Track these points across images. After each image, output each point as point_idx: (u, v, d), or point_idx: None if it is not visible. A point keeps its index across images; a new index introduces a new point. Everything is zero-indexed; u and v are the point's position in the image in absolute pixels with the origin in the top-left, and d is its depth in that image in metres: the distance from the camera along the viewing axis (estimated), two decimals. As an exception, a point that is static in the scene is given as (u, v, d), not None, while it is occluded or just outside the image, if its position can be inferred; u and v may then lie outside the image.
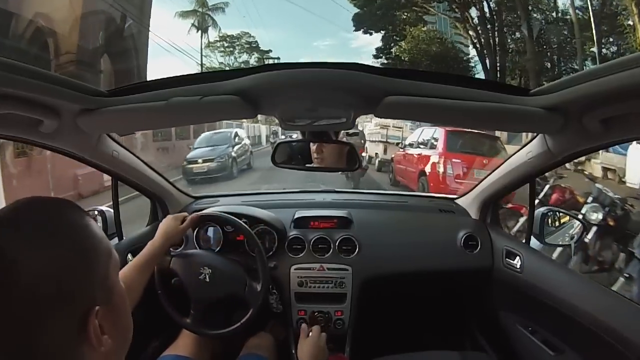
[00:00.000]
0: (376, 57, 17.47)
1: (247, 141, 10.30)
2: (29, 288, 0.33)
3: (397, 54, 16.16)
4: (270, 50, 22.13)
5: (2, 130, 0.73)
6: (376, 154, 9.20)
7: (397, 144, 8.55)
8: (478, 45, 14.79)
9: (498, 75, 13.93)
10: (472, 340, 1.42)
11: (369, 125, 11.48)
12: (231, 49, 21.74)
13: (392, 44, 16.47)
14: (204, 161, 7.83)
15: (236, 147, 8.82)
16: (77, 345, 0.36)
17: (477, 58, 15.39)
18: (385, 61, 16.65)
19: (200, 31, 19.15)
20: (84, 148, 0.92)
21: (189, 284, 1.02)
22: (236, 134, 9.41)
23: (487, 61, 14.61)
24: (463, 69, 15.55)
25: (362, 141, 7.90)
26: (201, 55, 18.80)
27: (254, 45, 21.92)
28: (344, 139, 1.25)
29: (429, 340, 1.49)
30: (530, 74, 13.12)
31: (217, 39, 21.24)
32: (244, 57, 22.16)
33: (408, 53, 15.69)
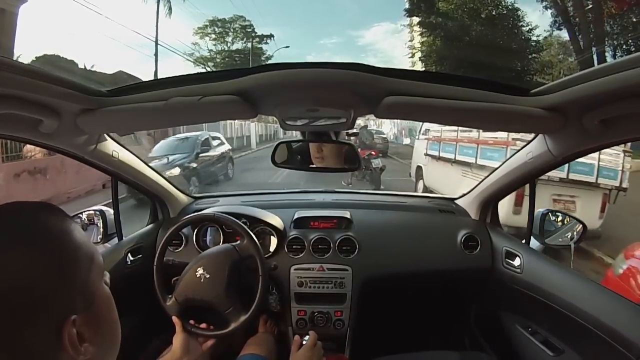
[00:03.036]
0: (410, 12, 13.79)
1: (224, 147, 8.38)
2: (2, 295, 0.33)
3: (443, 10, 12.79)
4: (271, 35, 19.44)
5: (2, 130, 0.73)
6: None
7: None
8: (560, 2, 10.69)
9: (594, 51, 9.79)
10: (472, 340, 1.42)
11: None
12: (223, 35, 19.22)
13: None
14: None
15: (203, 155, 7.20)
16: (56, 352, 0.35)
17: (543, 27, 12.10)
18: (425, 19, 13.30)
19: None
20: (84, 148, 0.92)
21: (201, 295, 0.99)
22: (207, 140, 7.65)
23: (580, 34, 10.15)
24: (522, 41, 12.13)
25: (380, 142, 6.27)
26: (157, 26, 14.44)
27: (249, 29, 19.24)
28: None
29: (429, 340, 1.49)
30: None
31: (207, 23, 18.77)
32: (239, 44, 19.31)
33: (453, 12, 12.61)
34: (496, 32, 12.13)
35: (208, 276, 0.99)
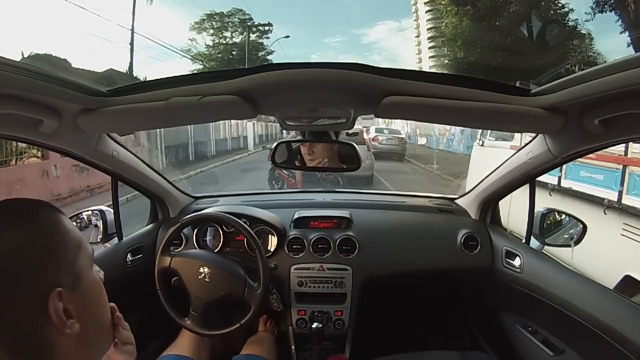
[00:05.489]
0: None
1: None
2: None
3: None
4: (270, 24, 18.58)
5: (2, 130, 0.73)
6: None
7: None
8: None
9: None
10: (472, 340, 1.42)
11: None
12: (221, 30, 18.61)
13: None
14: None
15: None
16: (41, 323, 0.38)
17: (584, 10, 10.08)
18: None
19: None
20: (84, 148, 0.92)
21: (189, 283, 1.01)
22: None
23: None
24: (568, 25, 10.64)
25: (396, 143, 5.51)
26: (133, 11, 12.42)
27: (249, 22, 18.50)
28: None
29: (429, 340, 1.49)
30: None
31: (204, 17, 18.20)
32: (238, 38, 18.50)
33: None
34: (528, 7, 10.84)
35: (207, 281, 1.00)
